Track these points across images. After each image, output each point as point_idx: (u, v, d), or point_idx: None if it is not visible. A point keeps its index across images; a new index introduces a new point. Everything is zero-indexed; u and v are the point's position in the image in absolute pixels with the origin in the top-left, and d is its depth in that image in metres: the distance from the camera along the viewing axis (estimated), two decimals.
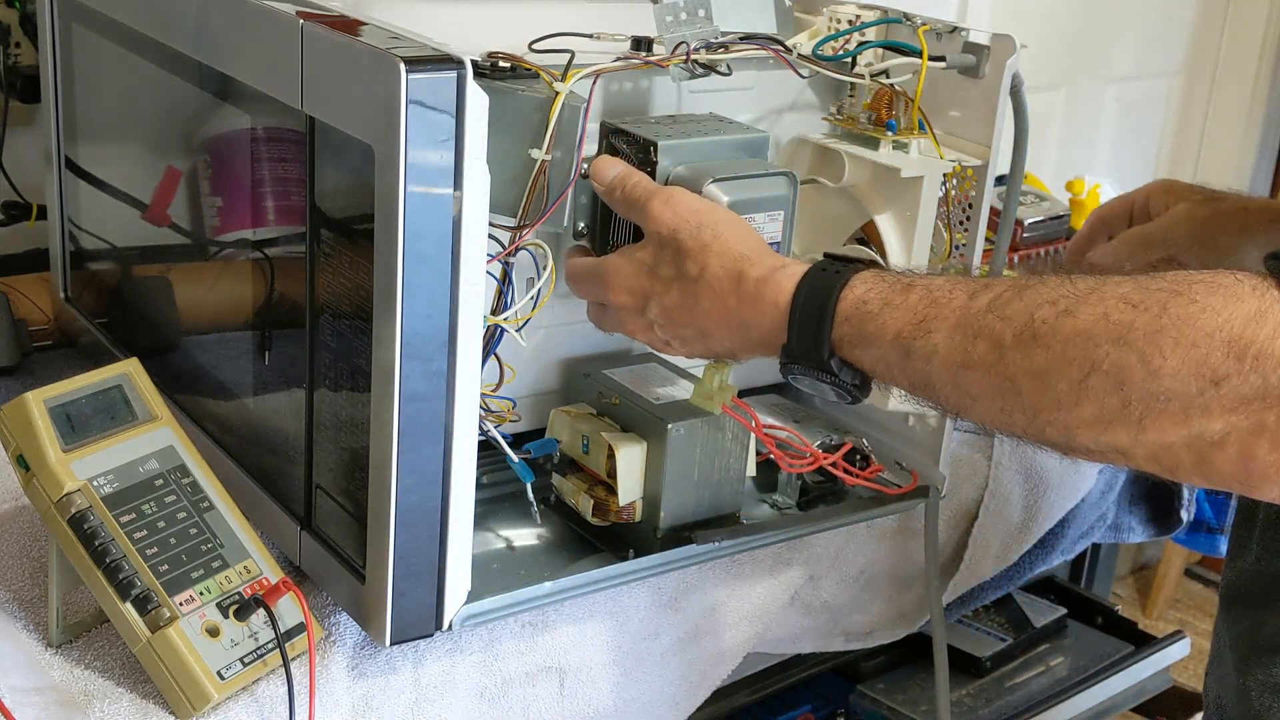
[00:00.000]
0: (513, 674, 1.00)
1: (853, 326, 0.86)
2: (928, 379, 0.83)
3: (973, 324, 0.81)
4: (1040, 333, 0.77)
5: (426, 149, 0.81)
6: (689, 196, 0.95)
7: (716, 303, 0.92)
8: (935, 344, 0.82)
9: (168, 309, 1.19)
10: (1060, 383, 0.76)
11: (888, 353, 0.85)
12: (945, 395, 0.83)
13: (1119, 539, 1.56)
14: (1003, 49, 1.07)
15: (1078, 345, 0.75)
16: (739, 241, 0.92)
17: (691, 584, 1.10)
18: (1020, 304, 0.79)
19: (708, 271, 0.92)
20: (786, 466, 1.10)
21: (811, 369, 0.89)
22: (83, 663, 0.91)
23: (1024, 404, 0.79)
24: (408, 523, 0.87)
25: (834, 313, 0.87)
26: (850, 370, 0.88)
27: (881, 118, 1.10)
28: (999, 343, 0.79)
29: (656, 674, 1.09)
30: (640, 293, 0.95)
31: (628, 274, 0.96)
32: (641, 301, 0.95)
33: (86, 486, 0.89)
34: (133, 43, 1.12)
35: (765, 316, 0.90)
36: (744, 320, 0.91)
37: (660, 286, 0.94)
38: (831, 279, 0.88)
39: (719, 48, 1.01)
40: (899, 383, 0.87)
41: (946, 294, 0.83)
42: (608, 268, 0.97)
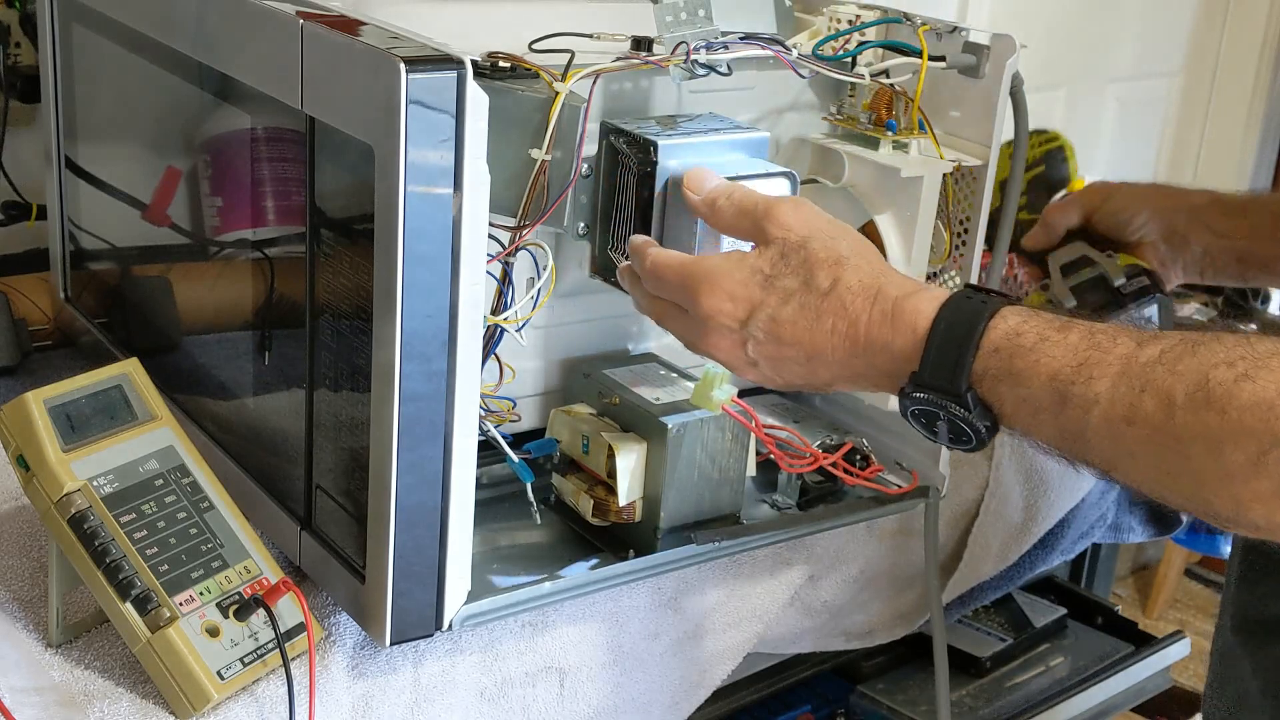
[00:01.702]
0: (513, 674, 1.01)
1: (1001, 360, 0.79)
2: (1081, 430, 0.77)
3: (1140, 375, 0.74)
4: (1215, 395, 0.71)
5: (426, 149, 0.81)
6: (813, 206, 0.90)
7: (844, 321, 0.85)
8: (1097, 392, 0.75)
9: (168, 309, 1.19)
10: (1236, 453, 0.70)
11: (1039, 394, 0.78)
12: (1098, 450, 0.77)
13: (1119, 539, 1.56)
14: (1003, 49, 1.07)
15: (1258, 415, 0.70)
16: (875, 259, 0.87)
17: (691, 584, 1.10)
18: (1193, 360, 0.73)
19: (841, 284, 0.85)
20: (786, 466, 1.10)
21: (942, 400, 0.81)
22: (83, 663, 0.91)
23: (1191, 470, 0.73)
24: (408, 523, 0.87)
25: (980, 341, 0.80)
26: (984, 409, 0.81)
27: (881, 118, 1.10)
28: (1169, 400, 0.73)
29: (656, 674, 1.09)
30: (746, 302, 0.88)
31: (737, 279, 0.88)
32: (745, 312, 0.88)
33: (86, 486, 0.89)
34: (133, 43, 1.12)
35: (899, 338, 0.83)
36: (872, 342, 0.84)
37: (776, 298, 0.87)
38: (979, 306, 0.82)
39: (719, 48, 1.01)
40: (1042, 431, 0.79)
41: (1110, 339, 0.77)
42: (711, 269, 0.89)
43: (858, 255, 0.86)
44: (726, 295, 0.88)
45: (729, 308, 0.88)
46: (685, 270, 0.91)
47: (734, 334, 0.89)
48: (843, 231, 0.88)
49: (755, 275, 0.87)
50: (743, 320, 0.88)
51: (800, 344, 0.86)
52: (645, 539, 1.04)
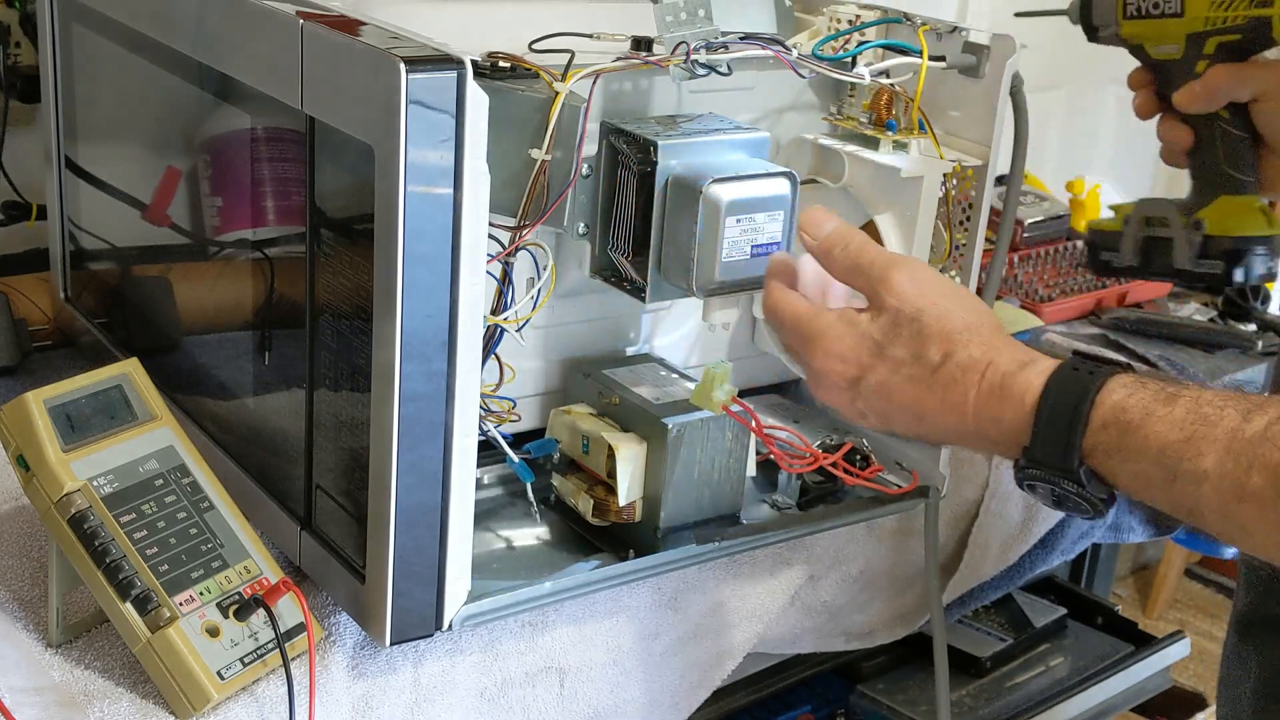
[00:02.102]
0: (513, 674, 1.00)
1: (1110, 436, 0.80)
2: (1194, 505, 0.77)
3: (1247, 452, 0.74)
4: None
5: (426, 149, 0.81)
6: (930, 272, 0.91)
7: (955, 394, 0.85)
8: (1204, 469, 0.75)
9: (168, 309, 1.19)
10: None
11: (1150, 469, 0.78)
12: (1214, 524, 0.77)
13: (1119, 539, 1.56)
14: (1003, 49, 1.07)
15: None
16: (988, 329, 0.87)
17: (691, 584, 1.10)
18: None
19: (952, 360, 0.85)
20: (786, 466, 1.11)
21: (1055, 476, 0.82)
22: (83, 663, 0.91)
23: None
24: (408, 523, 0.87)
25: (1088, 417, 0.80)
26: (1099, 483, 0.81)
27: (881, 118, 1.10)
28: (1278, 476, 0.73)
29: (656, 674, 1.09)
30: (857, 365, 0.89)
31: (848, 344, 0.89)
32: (855, 373, 0.89)
33: (86, 486, 0.89)
34: (133, 43, 1.12)
35: (1008, 413, 0.84)
36: (981, 416, 0.85)
37: (886, 367, 0.87)
38: (1086, 380, 0.81)
39: (719, 48, 1.01)
40: (1158, 503, 0.80)
41: (1217, 411, 0.77)
42: (824, 330, 0.90)
43: (970, 329, 0.86)
44: (837, 357, 0.89)
45: (839, 368, 0.89)
46: (800, 323, 0.92)
47: (844, 391, 0.90)
48: (957, 300, 0.88)
49: (866, 340, 0.88)
50: (852, 380, 0.89)
51: (910, 409, 0.87)
52: (645, 539, 1.04)
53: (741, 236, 0.99)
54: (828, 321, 0.90)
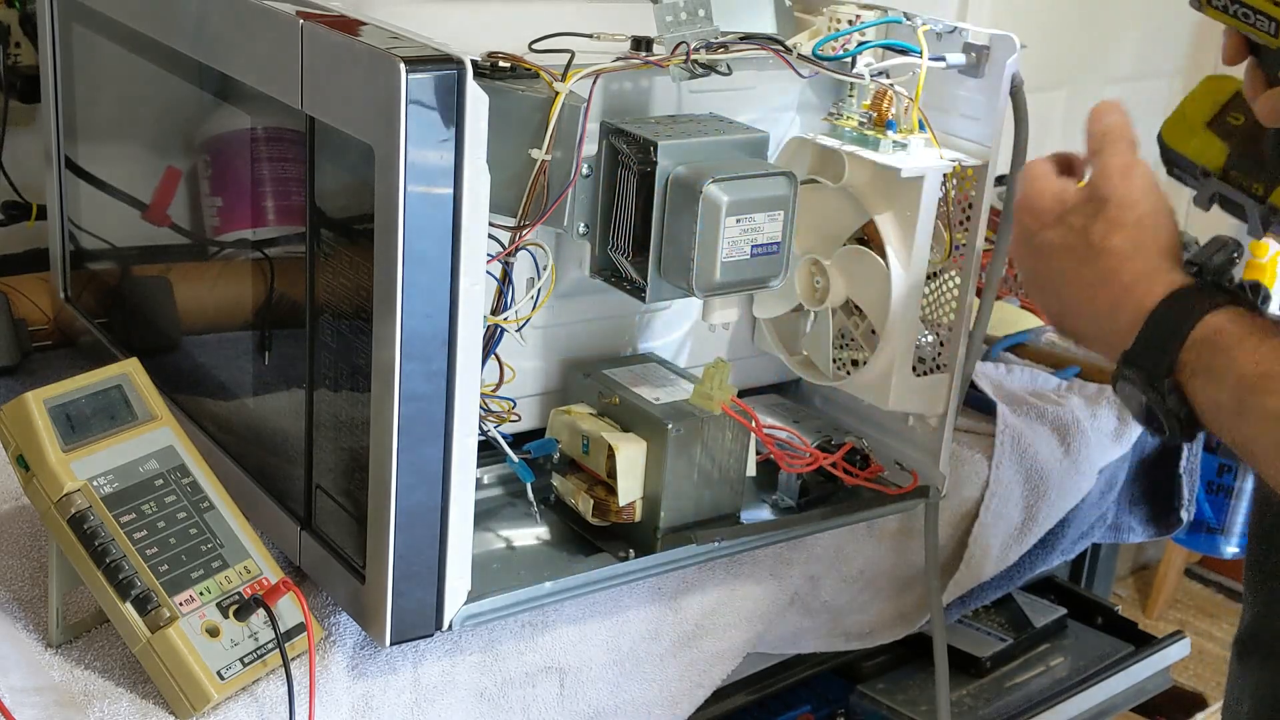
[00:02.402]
0: (513, 674, 1.00)
1: (1199, 356, 0.80)
2: (1255, 444, 0.77)
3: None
4: None
5: (426, 149, 0.81)
6: (1150, 179, 0.91)
7: (1090, 274, 0.87)
8: (1268, 408, 0.76)
9: (168, 309, 1.19)
10: None
11: (1224, 398, 0.79)
12: (1267, 466, 0.77)
13: (1119, 539, 1.56)
14: (1003, 49, 1.07)
15: None
16: (1151, 235, 0.87)
17: (691, 584, 1.10)
18: None
19: (1106, 243, 0.87)
20: (786, 466, 1.11)
21: (1144, 385, 0.83)
22: (83, 663, 0.91)
23: None
24: (408, 523, 0.87)
25: (1189, 333, 0.81)
26: (1180, 401, 0.81)
27: (881, 118, 1.10)
28: None
29: (656, 674, 1.09)
30: (1039, 221, 0.91)
31: (1045, 201, 0.92)
32: (1035, 228, 0.91)
33: (86, 486, 0.89)
34: (133, 43, 1.12)
35: (1124, 314, 0.85)
36: (1101, 308, 0.87)
37: (1059, 230, 0.90)
38: (1200, 300, 0.82)
39: (719, 48, 1.01)
40: (1224, 435, 0.80)
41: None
42: (1034, 181, 0.94)
43: (1139, 227, 0.87)
44: (1029, 210, 0.92)
45: (1026, 219, 0.92)
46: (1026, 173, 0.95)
47: (1020, 244, 0.93)
48: (1147, 206, 0.89)
49: (1057, 203, 0.91)
50: (1029, 234, 0.92)
51: (1056, 277, 0.90)
52: (645, 539, 1.04)
53: (741, 236, 0.99)
54: (1044, 175, 0.93)
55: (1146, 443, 1.48)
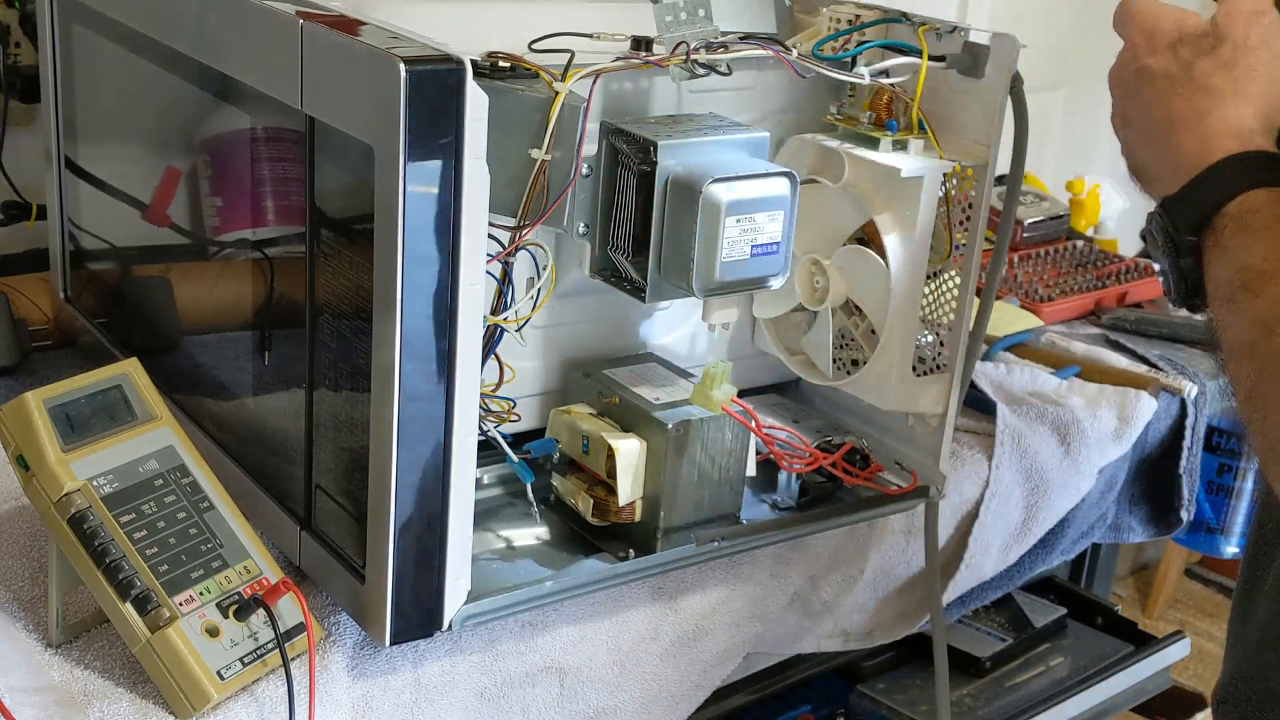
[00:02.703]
0: (512, 674, 1.00)
1: (1225, 229, 0.77)
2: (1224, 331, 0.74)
3: None
4: None
5: (426, 149, 0.81)
6: (1276, 27, 0.87)
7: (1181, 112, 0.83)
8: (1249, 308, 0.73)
9: (167, 309, 1.19)
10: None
11: (1224, 280, 0.75)
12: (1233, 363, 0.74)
13: (1119, 539, 1.56)
14: (1003, 49, 1.07)
15: None
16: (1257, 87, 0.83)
17: (691, 584, 1.10)
18: None
19: (1203, 80, 0.84)
20: (786, 466, 1.10)
21: (1165, 238, 0.79)
22: (82, 663, 0.91)
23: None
24: (408, 523, 0.87)
25: (1226, 201, 0.77)
26: (1195, 265, 0.78)
27: (881, 118, 1.10)
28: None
29: (656, 674, 1.09)
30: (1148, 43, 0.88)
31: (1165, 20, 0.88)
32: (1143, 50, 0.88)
33: (86, 486, 0.89)
34: (133, 43, 1.12)
35: (1189, 158, 0.81)
36: (1174, 145, 0.83)
37: (1163, 59, 0.87)
38: (1260, 172, 0.78)
39: (719, 48, 1.01)
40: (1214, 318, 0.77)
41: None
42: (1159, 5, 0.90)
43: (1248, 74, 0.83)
44: (1144, 29, 0.89)
45: (1138, 39, 0.90)
46: None
47: (1121, 66, 0.90)
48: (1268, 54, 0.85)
49: (1172, 25, 0.88)
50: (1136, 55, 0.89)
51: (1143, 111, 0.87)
52: (645, 539, 1.04)
53: (741, 236, 0.99)
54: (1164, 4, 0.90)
55: (1147, 443, 1.48)
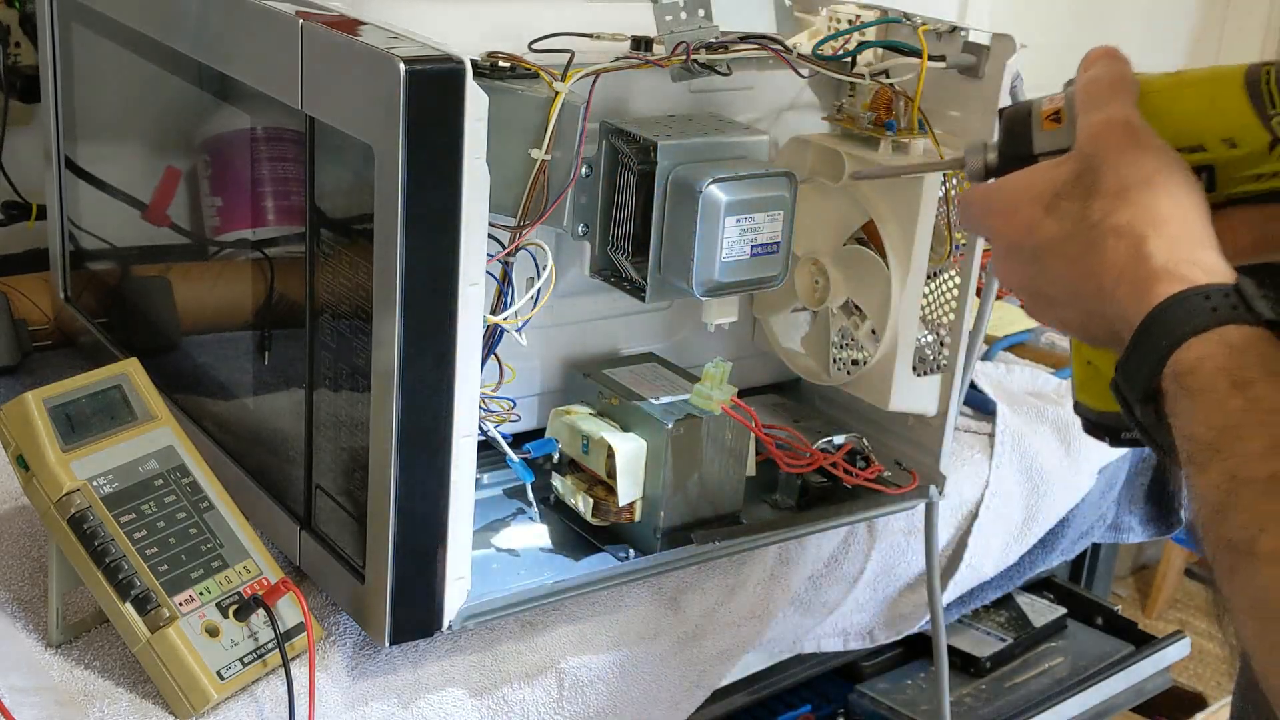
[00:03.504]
0: (512, 674, 1.00)
1: (1171, 390, 0.65)
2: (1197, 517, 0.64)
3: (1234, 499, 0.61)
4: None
5: (426, 149, 0.81)
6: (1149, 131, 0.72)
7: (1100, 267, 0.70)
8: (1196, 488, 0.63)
9: (167, 309, 1.19)
10: None
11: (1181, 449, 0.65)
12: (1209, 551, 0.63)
13: (1119, 539, 1.56)
14: (1003, 49, 1.07)
15: None
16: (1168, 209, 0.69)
17: (691, 584, 1.10)
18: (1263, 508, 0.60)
19: (1111, 221, 0.69)
20: (786, 466, 1.10)
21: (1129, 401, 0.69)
22: (82, 663, 0.91)
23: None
24: (407, 523, 0.87)
25: (1166, 358, 0.65)
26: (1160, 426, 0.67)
27: (881, 118, 1.10)
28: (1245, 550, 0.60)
29: (656, 674, 1.09)
30: (1025, 222, 0.73)
31: (1024, 194, 0.73)
32: (1022, 233, 0.73)
33: (86, 486, 0.89)
34: (133, 43, 1.12)
35: (1126, 313, 0.68)
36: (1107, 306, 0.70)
37: (1047, 226, 0.72)
38: (1203, 315, 0.65)
39: (719, 48, 1.01)
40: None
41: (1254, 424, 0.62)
42: (1004, 181, 0.76)
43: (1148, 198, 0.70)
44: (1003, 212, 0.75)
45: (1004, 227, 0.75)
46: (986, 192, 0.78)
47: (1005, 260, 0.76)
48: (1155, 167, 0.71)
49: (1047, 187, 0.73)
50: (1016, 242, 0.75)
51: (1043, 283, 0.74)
52: (645, 539, 1.04)
53: (741, 236, 0.99)
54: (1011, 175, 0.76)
55: None
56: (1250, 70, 0.71)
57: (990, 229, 0.77)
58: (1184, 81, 0.75)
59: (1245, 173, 0.72)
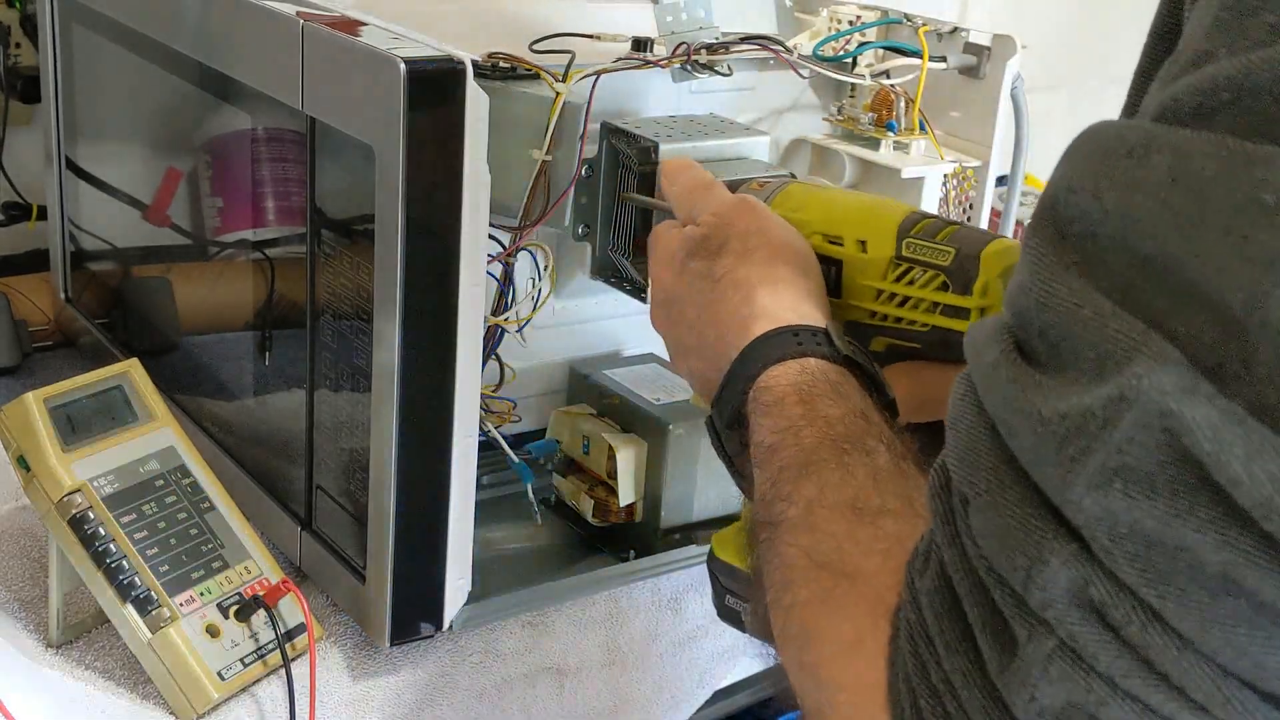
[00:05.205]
0: (512, 674, 1.00)
1: (751, 409, 0.70)
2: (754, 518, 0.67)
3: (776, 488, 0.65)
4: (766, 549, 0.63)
5: (426, 149, 0.81)
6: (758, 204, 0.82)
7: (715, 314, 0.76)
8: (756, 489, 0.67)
9: (168, 309, 1.19)
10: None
11: (754, 457, 0.68)
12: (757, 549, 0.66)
13: None
14: (1003, 49, 1.07)
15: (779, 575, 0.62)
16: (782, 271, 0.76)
17: (692, 584, 1.10)
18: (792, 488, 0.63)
19: (729, 276, 0.76)
20: None
21: (715, 441, 0.74)
22: (83, 663, 0.91)
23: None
24: (408, 523, 0.87)
25: (746, 391, 0.70)
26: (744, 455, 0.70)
27: (882, 118, 1.10)
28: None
29: (656, 674, 1.09)
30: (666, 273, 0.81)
31: (667, 248, 0.81)
32: (666, 281, 0.81)
33: (87, 487, 0.89)
34: (133, 43, 1.12)
35: (731, 352, 0.73)
36: (720, 350, 0.75)
37: (683, 278, 0.79)
38: (789, 347, 0.70)
39: (719, 48, 1.01)
40: None
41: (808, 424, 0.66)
42: (655, 234, 0.84)
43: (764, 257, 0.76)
44: (660, 260, 0.82)
45: (657, 272, 0.82)
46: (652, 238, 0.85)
47: (656, 306, 0.83)
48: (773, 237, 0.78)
49: (685, 243, 0.80)
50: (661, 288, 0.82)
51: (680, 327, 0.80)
52: (645, 539, 1.04)
53: None
54: (660, 227, 0.83)
55: None
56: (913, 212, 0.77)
57: (652, 276, 0.83)
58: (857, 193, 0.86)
59: (867, 282, 0.75)
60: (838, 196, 0.80)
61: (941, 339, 0.73)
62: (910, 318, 0.74)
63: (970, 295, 0.71)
